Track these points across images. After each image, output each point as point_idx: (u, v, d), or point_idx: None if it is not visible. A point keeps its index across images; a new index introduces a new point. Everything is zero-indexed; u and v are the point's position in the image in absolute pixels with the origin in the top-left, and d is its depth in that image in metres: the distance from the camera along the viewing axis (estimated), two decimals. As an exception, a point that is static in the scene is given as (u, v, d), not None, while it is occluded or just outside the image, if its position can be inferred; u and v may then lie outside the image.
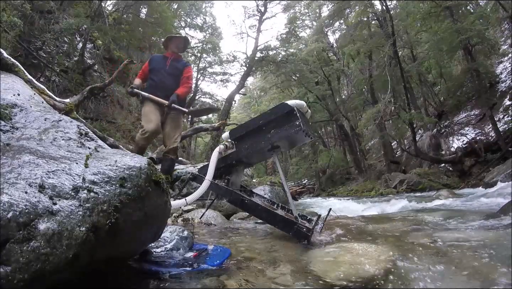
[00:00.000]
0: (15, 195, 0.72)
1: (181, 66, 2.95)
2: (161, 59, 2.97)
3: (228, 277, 1.09)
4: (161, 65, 2.90)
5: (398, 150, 14.51)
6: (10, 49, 5.43)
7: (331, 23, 16.14)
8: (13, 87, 1.52)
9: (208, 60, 19.58)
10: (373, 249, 1.36)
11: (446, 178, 9.06)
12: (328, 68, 15.53)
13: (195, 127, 8.49)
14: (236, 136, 2.06)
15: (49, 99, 2.76)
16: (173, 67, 2.91)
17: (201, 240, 1.71)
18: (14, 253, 0.64)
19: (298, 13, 18.26)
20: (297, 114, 1.83)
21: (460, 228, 1.80)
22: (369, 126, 13.92)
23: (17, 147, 0.93)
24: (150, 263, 1.20)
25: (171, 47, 2.98)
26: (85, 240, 0.75)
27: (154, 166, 1.04)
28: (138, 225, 0.93)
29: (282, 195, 3.36)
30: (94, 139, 1.18)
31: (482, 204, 3.27)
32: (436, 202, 4.28)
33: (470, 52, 9.85)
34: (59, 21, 7.87)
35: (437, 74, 14.70)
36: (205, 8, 19.51)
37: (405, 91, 10.52)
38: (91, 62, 9.61)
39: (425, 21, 10.14)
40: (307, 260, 1.33)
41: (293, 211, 1.88)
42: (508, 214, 1.88)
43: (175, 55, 2.99)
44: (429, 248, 1.34)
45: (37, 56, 7.10)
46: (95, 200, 0.82)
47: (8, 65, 2.00)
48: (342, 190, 13.77)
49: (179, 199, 1.95)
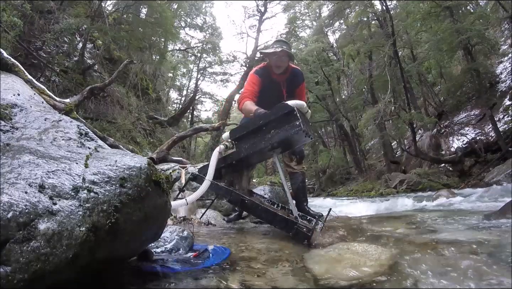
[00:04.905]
0: (15, 195, 0.72)
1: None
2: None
3: (228, 277, 1.09)
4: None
5: (398, 150, 14.51)
6: (10, 49, 5.43)
7: (331, 23, 16.13)
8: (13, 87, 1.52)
9: (208, 60, 19.60)
10: (374, 249, 1.36)
11: (446, 178, 9.05)
12: (328, 68, 15.52)
13: (195, 127, 8.49)
14: (236, 137, 2.05)
15: (49, 99, 2.76)
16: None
17: (201, 240, 1.72)
18: (14, 253, 0.64)
19: (298, 13, 18.26)
20: (297, 114, 1.83)
21: (460, 228, 1.80)
22: (369, 126, 13.92)
23: (17, 147, 0.93)
24: (150, 263, 1.20)
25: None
26: (85, 240, 0.75)
27: (154, 166, 1.04)
28: (138, 225, 0.93)
29: (282, 195, 3.35)
30: (94, 140, 1.18)
31: (482, 204, 3.27)
32: (436, 202, 4.27)
33: (470, 52, 9.84)
34: (59, 21, 7.87)
35: (437, 74, 14.70)
36: (205, 8, 19.54)
37: (405, 91, 10.51)
38: (91, 62, 9.61)
39: (425, 21, 10.13)
40: (307, 260, 1.33)
41: (293, 211, 1.88)
42: (508, 214, 1.88)
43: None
44: (429, 248, 1.33)
45: (37, 56, 7.09)
46: (95, 200, 0.82)
47: (8, 65, 2.00)
48: (342, 190, 13.77)
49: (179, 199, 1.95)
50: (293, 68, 2.58)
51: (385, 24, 11.79)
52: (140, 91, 11.16)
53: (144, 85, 12.07)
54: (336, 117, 15.96)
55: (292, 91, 2.50)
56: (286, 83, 2.51)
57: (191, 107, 17.22)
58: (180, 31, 17.44)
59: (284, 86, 2.51)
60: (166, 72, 17.88)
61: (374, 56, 13.47)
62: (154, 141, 10.07)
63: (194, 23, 18.80)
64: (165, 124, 11.48)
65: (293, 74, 2.54)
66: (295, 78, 2.55)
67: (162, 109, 14.34)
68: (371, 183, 11.99)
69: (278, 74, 2.47)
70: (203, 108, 23.14)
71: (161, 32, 11.80)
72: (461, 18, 9.58)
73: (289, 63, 2.50)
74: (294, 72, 2.55)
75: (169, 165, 4.62)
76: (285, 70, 2.49)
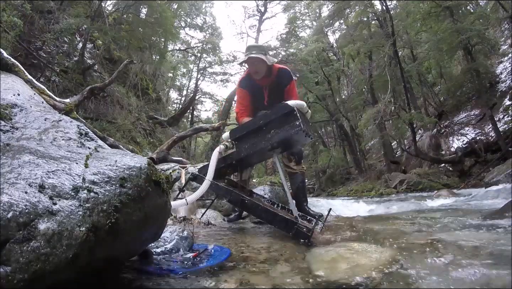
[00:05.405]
0: (15, 195, 0.72)
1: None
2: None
3: (228, 277, 1.09)
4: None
5: (398, 150, 14.51)
6: (10, 49, 5.42)
7: (331, 23, 16.13)
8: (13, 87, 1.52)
9: (208, 60, 19.60)
10: (374, 249, 1.36)
11: (446, 178, 9.06)
12: (328, 68, 15.52)
13: (195, 128, 8.48)
14: (236, 137, 2.06)
15: (49, 99, 2.76)
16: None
17: (201, 240, 1.72)
18: (14, 253, 0.64)
19: (298, 13, 18.28)
20: (297, 114, 1.83)
21: (460, 228, 1.80)
22: (369, 126, 13.91)
23: (17, 147, 0.93)
24: (150, 263, 1.20)
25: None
26: (85, 240, 0.75)
27: (154, 166, 1.04)
28: (138, 225, 0.93)
29: (282, 195, 3.35)
30: (94, 140, 1.18)
31: (482, 204, 3.27)
32: (436, 202, 4.28)
33: (470, 52, 9.84)
34: (59, 21, 7.87)
35: (437, 74, 14.71)
36: (205, 8, 19.55)
37: (405, 91, 10.52)
38: (91, 62, 9.60)
39: (425, 21, 10.15)
40: (307, 260, 1.33)
41: (293, 211, 1.88)
42: (508, 214, 1.88)
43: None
44: (429, 248, 1.34)
45: (37, 56, 7.09)
46: (95, 200, 0.82)
47: (8, 65, 2.00)
48: (342, 190, 13.76)
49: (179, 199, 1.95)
50: (280, 68, 2.49)
51: (385, 24, 11.80)
52: (140, 91, 11.15)
53: (144, 85, 12.06)
54: (336, 117, 15.96)
55: (279, 92, 2.43)
56: (268, 87, 2.46)
57: (191, 107, 17.20)
58: (180, 31, 17.45)
59: (266, 90, 2.46)
60: (166, 72, 17.87)
61: (374, 56, 13.48)
62: (154, 141, 10.07)
63: (194, 23, 18.81)
64: (165, 124, 11.47)
65: (278, 76, 2.45)
66: (280, 80, 2.46)
67: (162, 109, 14.33)
68: (371, 183, 11.99)
69: (261, 79, 2.41)
70: (203, 108, 23.15)
71: (161, 32, 11.79)
72: (461, 18, 9.59)
73: (270, 64, 2.38)
74: (280, 74, 2.46)
75: (169, 165, 4.61)
76: (268, 73, 2.41)
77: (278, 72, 2.46)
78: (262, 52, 2.36)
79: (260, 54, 2.31)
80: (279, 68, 2.49)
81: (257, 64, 2.36)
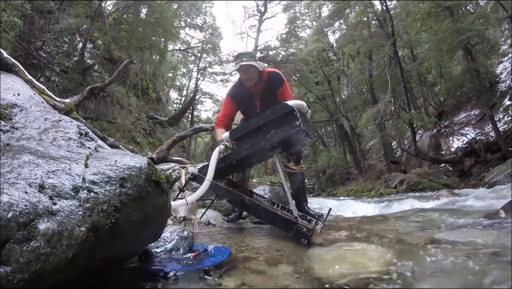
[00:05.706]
0: (15, 195, 0.72)
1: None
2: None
3: (228, 277, 1.09)
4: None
5: (398, 150, 14.50)
6: (10, 49, 5.42)
7: (331, 23, 16.13)
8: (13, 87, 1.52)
9: (208, 60, 19.61)
10: (374, 249, 1.36)
11: (446, 178, 9.06)
12: (328, 68, 15.51)
13: (195, 127, 8.48)
14: (236, 137, 2.05)
15: (49, 99, 2.76)
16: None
17: (201, 240, 1.72)
18: (14, 253, 0.64)
19: (298, 13, 18.28)
20: (297, 114, 1.83)
21: (460, 228, 1.80)
22: (369, 126, 13.92)
23: (17, 147, 0.93)
24: (150, 263, 1.20)
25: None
26: (85, 240, 0.75)
27: (154, 166, 1.04)
28: (138, 225, 0.93)
29: (282, 195, 3.35)
30: (94, 140, 1.18)
31: (482, 204, 3.27)
32: (436, 202, 4.27)
33: (470, 52, 9.83)
34: (59, 21, 7.87)
35: (437, 74, 14.70)
36: (205, 8, 19.56)
37: (405, 91, 10.51)
38: (91, 62, 9.61)
39: (425, 21, 10.14)
40: (307, 260, 1.33)
41: (293, 211, 1.88)
42: (508, 213, 1.88)
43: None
44: (429, 247, 1.33)
45: (37, 56, 7.09)
46: (95, 200, 0.82)
47: (8, 65, 2.00)
48: (342, 190, 13.75)
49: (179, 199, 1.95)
50: (269, 73, 2.43)
51: (385, 24, 11.79)
52: (140, 91, 11.16)
53: (144, 85, 12.07)
54: (336, 117, 15.96)
55: (271, 97, 2.38)
56: (260, 93, 2.42)
57: (191, 107, 17.22)
58: (180, 31, 17.46)
59: (258, 97, 2.42)
60: (166, 72, 17.88)
61: (374, 56, 13.47)
62: (154, 141, 10.07)
63: (194, 23, 18.82)
64: (165, 124, 11.48)
65: (269, 80, 2.41)
66: (271, 84, 2.42)
67: (162, 109, 14.33)
68: (371, 183, 11.99)
69: (252, 85, 2.38)
70: (203, 108, 23.14)
71: (161, 32, 11.81)
72: (461, 18, 9.58)
73: (261, 70, 2.33)
74: (270, 78, 2.41)
75: (169, 165, 4.61)
76: (259, 79, 2.37)
77: (268, 77, 2.42)
78: (252, 58, 2.32)
79: (251, 61, 2.27)
80: (268, 72, 2.44)
81: (249, 71, 2.32)
